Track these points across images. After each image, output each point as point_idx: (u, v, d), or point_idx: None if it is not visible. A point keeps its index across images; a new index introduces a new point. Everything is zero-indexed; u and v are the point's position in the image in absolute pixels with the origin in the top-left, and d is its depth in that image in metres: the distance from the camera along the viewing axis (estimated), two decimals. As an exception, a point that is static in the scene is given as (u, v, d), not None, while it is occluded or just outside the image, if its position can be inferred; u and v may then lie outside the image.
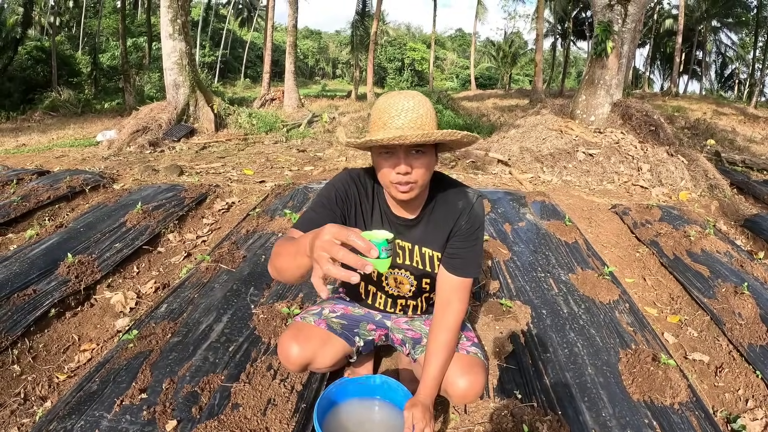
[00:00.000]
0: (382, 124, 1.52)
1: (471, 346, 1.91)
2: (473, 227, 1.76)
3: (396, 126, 1.49)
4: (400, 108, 1.50)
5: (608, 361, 2.48)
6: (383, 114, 1.52)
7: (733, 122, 14.00)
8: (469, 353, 1.85)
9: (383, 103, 1.54)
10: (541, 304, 3.06)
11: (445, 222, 1.77)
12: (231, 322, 2.68)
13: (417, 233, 1.80)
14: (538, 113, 8.99)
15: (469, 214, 1.75)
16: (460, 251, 1.77)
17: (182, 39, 9.86)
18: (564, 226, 4.40)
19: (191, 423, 1.93)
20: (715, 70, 43.24)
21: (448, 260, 1.79)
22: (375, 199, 1.78)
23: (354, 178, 1.76)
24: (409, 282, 1.90)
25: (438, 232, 1.78)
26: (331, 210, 1.70)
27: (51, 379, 2.43)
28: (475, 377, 1.78)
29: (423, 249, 1.81)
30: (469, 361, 1.82)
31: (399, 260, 1.85)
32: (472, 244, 1.78)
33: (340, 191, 1.73)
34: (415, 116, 1.50)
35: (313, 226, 1.62)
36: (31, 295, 2.91)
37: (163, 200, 4.69)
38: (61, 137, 10.36)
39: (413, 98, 1.53)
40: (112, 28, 31.56)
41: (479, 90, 36.46)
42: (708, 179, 6.63)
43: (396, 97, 1.53)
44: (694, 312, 3.23)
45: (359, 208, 1.76)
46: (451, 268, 1.78)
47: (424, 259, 1.83)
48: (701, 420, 2.09)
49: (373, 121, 1.56)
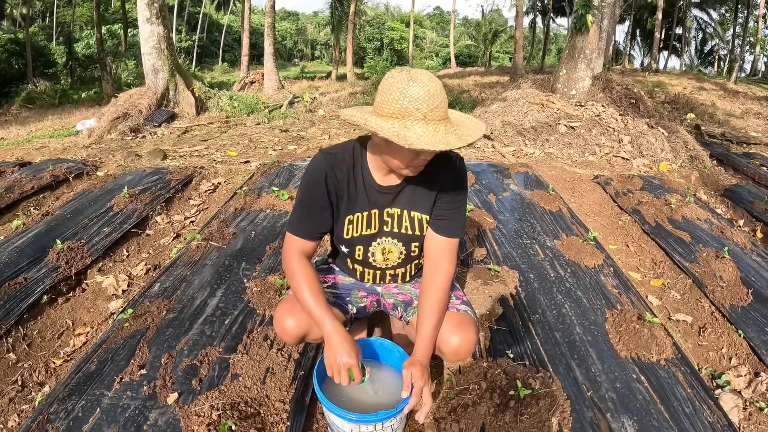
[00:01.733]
0: (421, 116, 1.43)
1: (461, 304, 1.92)
2: (459, 188, 1.80)
3: (435, 118, 1.44)
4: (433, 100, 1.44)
5: (595, 321, 2.54)
6: (419, 105, 1.43)
7: (713, 97, 13.96)
8: (459, 311, 1.87)
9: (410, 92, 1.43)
10: (528, 269, 3.10)
11: (431, 184, 1.78)
12: (225, 297, 2.69)
13: (405, 198, 1.80)
14: (519, 87, 8.97)
15: (454, 176, 1.78)
16: (447, 213, 1.80)
17: (160, 23, 9.67)
18: (547, 195, 4.45)
19: (192, 394, 1.94)
20: (695, 47, 43.30)
21: (436, 222, 1.81)
22: (358, 173, 1.77)
23: (330, 161, 1.74)
24: (398, 250, 1.91)
25: (425, 195, 1.79)
26: (314, 205, 1.76)
27: (47, 365, 2.43)
28: (467, 334, 1.80)
29: (412, 213, 1.82)
30: (460, 318, 1.84)
31: (387, 228, 1.85)
32: (458, 205, 1.81)
33: (319, 183, 1.73)
34: (445, 105, 1.47)
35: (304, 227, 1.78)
36: (22, 283, 2.89)
37: (149, 183, 4.66)
38: (39, 129, 10.18)
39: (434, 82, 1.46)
40: (87, 16, 30.91)
41: (459, 68, 36.18)
42: (688, 150, 6.66)
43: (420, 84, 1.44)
44: (676, 276, 3.30)
45: (340, 189, 1.77)
46: (439, 230, 1.80)
47: (413, 223, 1.84)
48: (687, 375, 2.15)
49: (399, 110, 1.44)
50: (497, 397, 1.94)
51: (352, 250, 1.91)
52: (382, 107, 1.47)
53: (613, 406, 1.97)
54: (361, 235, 1.85)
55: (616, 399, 2.00)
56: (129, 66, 23.11)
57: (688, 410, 1.96)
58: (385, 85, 1.49)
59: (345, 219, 1.81)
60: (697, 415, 1.93)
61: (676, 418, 1.92)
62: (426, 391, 1.59)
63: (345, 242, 1.89)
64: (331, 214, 1.80)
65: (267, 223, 3.70)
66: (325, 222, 1.81)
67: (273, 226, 3.66)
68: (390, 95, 1.45)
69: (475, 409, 1.91)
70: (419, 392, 1.58)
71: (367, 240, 1.87)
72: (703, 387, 2.10)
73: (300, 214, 1.78)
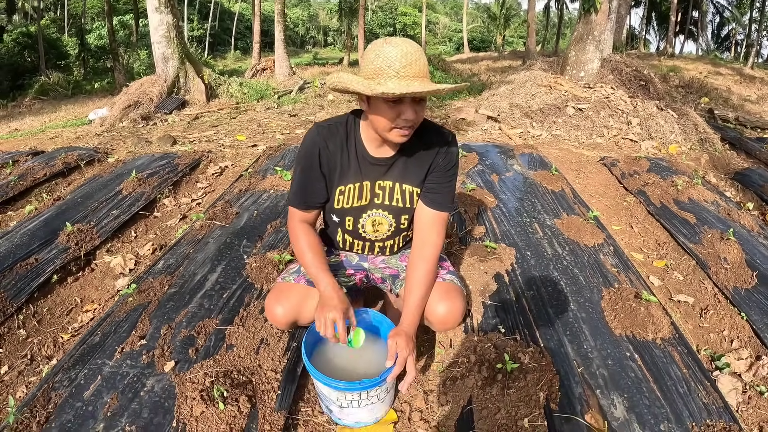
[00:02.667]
0: (394, 72, 1.50)
1: (447, 273, 1.98)
2: (450, 163, 1.85)
3: (411, 74, 1.51)
4: (409, 57, 1.52)
5: (591, 299, 2.53)
6: (393, 62, 1.51)
7: (728, 82, 13.69)
8: (445, 280, 1.93)
9: (387, 51, 1.52)
10: (526, 246, 3.11)
11: (423, 158, 1.83)
12: (225, 272, 2.76)
13: (396, 171, 1.85)
14: (528, 70, 8.91)
15: (446, 151, 1.83)
16: (438, 186, 1.84)
17: (169, 11, 9.72)
18: (551, 175, 4.44)
19: (188, 363, 2.01)
20: (712, 31, 42.41)
21: (427, 195, 1.85)
22: (351, 144, 1.81)
23: (323, 134, 1.80)
24: (388, 222, 1.95)
25: (417, 168, 1.84)
26: (309, 176, 1.82)
27: (56, 340, 2.52)
28: (454, 302, 1.85)
29: (404, 186, 1.86)
30: (447, 287, 1.89)
31: (377, 200, 1.90)
32: (449, 179, 1.86)
33: (313, 155, 1.79)
34: (422, 64, 1.54)
35: (302, 198, 1.85)
36: (33, 263, 2.98)
37: (157, 168, 4.73)
38: (53, 120, 10.33)
39: (412, 45, 1.55)
40: (98, 7, 31.17)
41: (472, 53, 35.91)
42: (699, 133, 6.57)
43: (400, 44, 1.53)
44: (680, 257, 3.27)
45: (333, 160, 1.81)
46: (430, 203, 1.85)
47: (404, 196, 1.88)
48: (684, 355, 2.13)
49: (376, 68, 1.53)
50: (485, 371, 1.96)
51: (342, 220, 1.95)
52: (362, 70, 1.57)
53: (603, 382, 1.96)
54: (352, 207, 1.89)
55: (607, 376, 1.99)
56: (141, 56, 23.26)
57: (682, 390, 1.93)
58: (365, 51, 1.59)
59: (336, 190, 1.86)
60: (691, 396, 1.90)
61: (669, 397, 1.89)
62: (410, 360, 1.62)
63: (336, 212, 1.93)
64: (325, 185, 1.85)
65: (270, 203, 3.76)
66: (320, 192, 1.86)
67: (275, 205, 3.72)
68: (367, 58, 1.56)
69: (463, 381, 1.95)
70: (403, 362, 1.61)
71: (357, 211, 1.91)
72: (700, 368, 2.07)
73: (297, 186, 1.85)
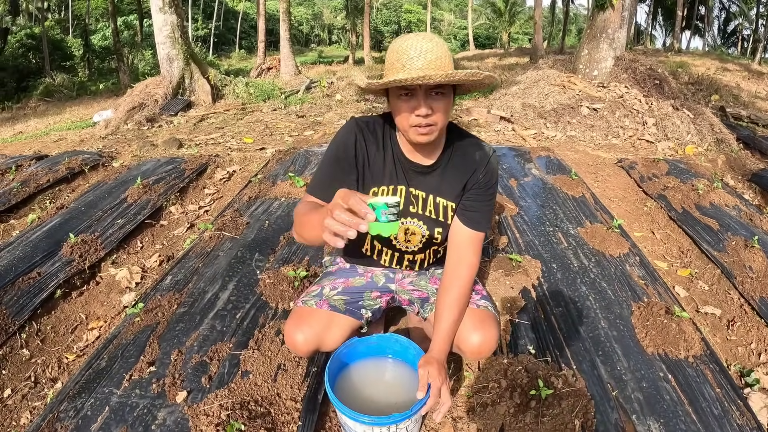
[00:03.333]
0: (401, 65, 1.47)
1: (481, 299, 1.84)
2: (490, 181, 1.74)
3: (417, 67, 1.45)
4: (419, 49, 1.45)
5: (621, 315, 2.44)
6: (401, 55, 1.47)
7: (737, 78, 13.58)
8: (480, 307, 1.79)
9: (400, 45, 1.49)
10: (551, 258, 3.00)
11: (461, 172, 1.72)
12: (237, 289, 2.64)
13: (432, 182, 1.74)
14: (540, 69, 8.79)
15: (486, 167, 1.72)
16: (476, 204, 1.73)
17: (173, 12, 9.63)
18: (570, 180, 4.33)
19: (201, 393, 1.89)
20: (718, 26, 42.05)
21: (464, 212, 1.74)
22: (387, 145, 1.71)
23: (361, 127, 1.70)
24: (421, 232, 1.83)
25: (453, 182, 1.73)
26: (340, 167, 1.69)
27: (60, 360, 2.41)
28: (488, 331, 1.72)
29: (437, 198, 1.75)
30: (481, 315, 1.76)
31: (412, 209, 1.78)
32: (489, 198, 1.75)
33: (348, 145, 1.68)
34: (434, 57, 1.45)
35: (324, 188, 1.66)
36: (36, 278, 2.86)
37: (163, 173, 4.62)
38: (58, 122, 10.26)
39: (431, 40, 1.48)
40: (102, 8, 31.11)
41: (478, 50, 35.78)
42: (714, 133, 6.44)
43: (413, 38, 1.49)
44: (704, 265, 3.17)
45: (369, 157, 1.71)
46: (467, 221, 1.74)
47: (437, 209, 1.76)
48: (716, 373, 2.05)
49: (390, 63, 1.52)
50: (518, 397, 1.85)
51: None
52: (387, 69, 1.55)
53: (639, 407, 1.87)
54: None
55: (642, 399, 1.91)
56: (146, 56, 23.21)
57: (716, 412, 1.86)
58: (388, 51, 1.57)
59: (370, 190, 1.75)
60: (726, 417, 1.83)
61: (704, 420, 1.82)
62: (444, 390, 1.55)
63: None
64: (356, 180, 1.72)
65: (281, 212, 3.63)
66: (350, 186, 1.70)
67: (287, 214, 3.59)
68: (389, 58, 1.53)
69: (494, 408, 1.83)
70: (437, 392, 1.53)
71: None
72: (732, 386, 1.99)
73: (323, 176, 1.71)
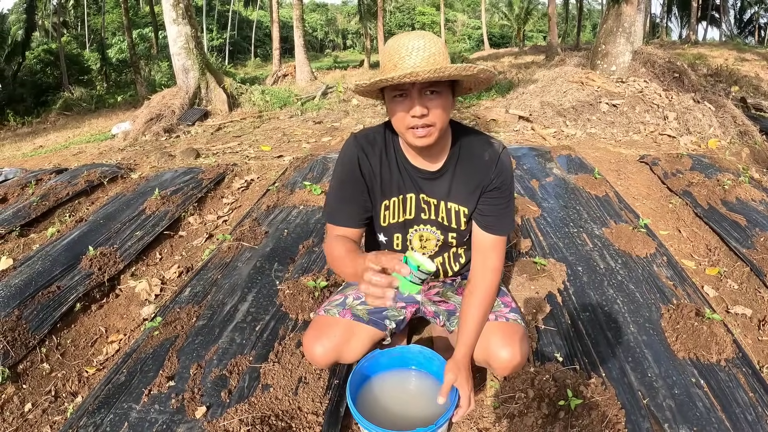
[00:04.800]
0: (393, 65, 1.41)
1: (510, 312, 1.76)
2: (505, 181, 1.66)
3: (407, 65, 1.38)
4: (410, 47, 1.40)
5: (650, 318, 2.36)
6: (393, 55, 1.42)
7: (756, 68, 13.25)
8: (509, 320, 1.72)
9: (393, 44, 1.44)
10: (576, 261, 2.92)
11: (472, 175, 1.66)
12: (256, 301, 2.60)
13: (442, 187, 1.68)
14: (557, 66, 8.72)
15: (497, 167, 1.64)
16: (493, 208, 1.67)
17: (186, 23, 9.71)
18: (593, 179, 4.24)
19: (221, 408, 1.86)
20: (734, 15, 41.47)
21: (482, 218, 1.68)
22: (391, 153, 1.67)
23: (361, 143, 1.67)
24: (435, 237, 1.78)
25: (464, 185, 1.67)
26: (349, 189, 1.68)
27: (80, 374, 2.40)
28: (518, 347, 1.65)
29: (449, 204, 1.69)
30: (510, 329, 1.69)
31: (424, 216, 1.73)
32: (505, 199, 1.68)
33: (352, 165, 1.66)
34: (426, 55, 1.39)
35: (342, 214, 1.69)
36: (56, 291, 2.86)
37: (181, 184, 4.62)
38: (77, 135, 10.38)
39: (423, 37, 1.42)
40: (117, 22, 31.62)
41: (493, 49, 35.61)
42: (737, 126, 6.28)
43: (405, 37, 1.43)
44: (732, 263, 3.07)
45: (375, 170, 1.67)
46: (485, 227, 1.68)
47: (450, 215, 1.71)
48: (749, 377, 1.97)
49: (382, 63, 1.48)
50: (545, 407, 1.78)
51: (390, 239, 1.80)
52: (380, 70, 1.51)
53: (671, 415, 1.79)
54: (398, 222, 1.74)
55: (674, 407, 1.82)
56: (162, 67, 23.47)
57: (750, 417, 1.78)
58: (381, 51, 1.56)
59: (381, 205, 1.72)
60: (759, 423, 1.75)
61: (738, 426, 1.73)
62: (471, 397, 1.54)
63: (383, 230, 1.79)
64: (369, 197, 1.70)
65: (300, 220, 3.60)
66: (365, 205, 1.71)
67: (306, 223, 3.56)
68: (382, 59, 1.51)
69: (522, 420, 1.77)
70: (467, 401, 1.51)
71: (404, 227, 1.76)
72: (766, 389, 1.90)
73: (336, 201, 1.70)
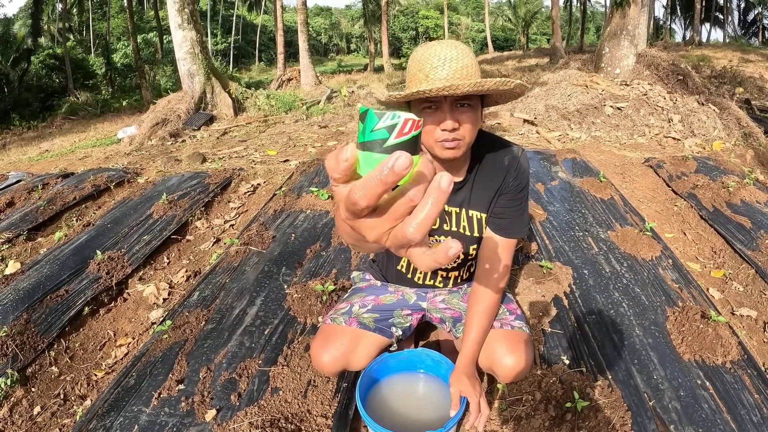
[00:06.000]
0: (424, 76, 1.36)
1: (515, 320, 1.76)
2: (521, 184, 1.64)
3: (440, 77, 1.34)
4: (443, 57, 1.35)
5: (656, 321, 2.37)
6: (424, 65, 1.37)
7: (760, 69, 13.22)
8: (514, 328, 1.71)
9: (423, 54, 1.39)
10: (582, 264, 2.93)
11: (492, 180, 1.63)
12: (265, 305, 2.61)
13: (462, 195, 1.66)
14: (561, 70, 8.71)
15: (516, 170, 1.62)
16: (507, 210, 1.64)
17: (192, 28, 9.75)
18: (598, 182, 4.25)
19: (231, 411, 1.86)
20: (738, 16, 41.39)
21: (495, 220, 1.66)
22: None
23: None
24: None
25: (484, 191, 1.65)
26: None
27: (89, 377, 2.41)
28: (523, 354, 1.64)
29: (470, 212, 1.67)
30: (515, 337, 1.68)
31: (446, 227, 1.71)
32: (520, 201, 1.65)
33: None
34: (459, 66, 1.35)
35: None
36: (64, 295, 2.88)
37: (188, 188, 4.63)
38: (82, 139, 10.42)
39: (456, 47, 1.38)
40: (122, 27, 31.75)
41: (497, 52, 35.67)
42: (742, 127, 6.27)
43: (436, 46, 1.38)
44: (738, 266, 3.07)
45: None
46: (498, 229, 1.65)
47: (471, 223, 1.69)
48: (754, 378, 1.98)
49: (412, 73, 1.41)
50: (552, 409, 1.79)
51: None
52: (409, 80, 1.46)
53: (677, 417, 1.80)
54: None
55: (680, 409, 1.83)
56: (167, 72, 23.58)
57: (755, 419, 1.78)
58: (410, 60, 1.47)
59: None
60: (765, 425, 1.76)
61: (744, 428, 1.74)
62: (482, 402, 1.53)
63: None
64: None
65: (307, 225, 3.61)
66: None
67: (313, 227, 3.57)
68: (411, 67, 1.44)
69: (529, 422, 1.78)
70: (477, 408, 1.51)
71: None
72: None
73: None
